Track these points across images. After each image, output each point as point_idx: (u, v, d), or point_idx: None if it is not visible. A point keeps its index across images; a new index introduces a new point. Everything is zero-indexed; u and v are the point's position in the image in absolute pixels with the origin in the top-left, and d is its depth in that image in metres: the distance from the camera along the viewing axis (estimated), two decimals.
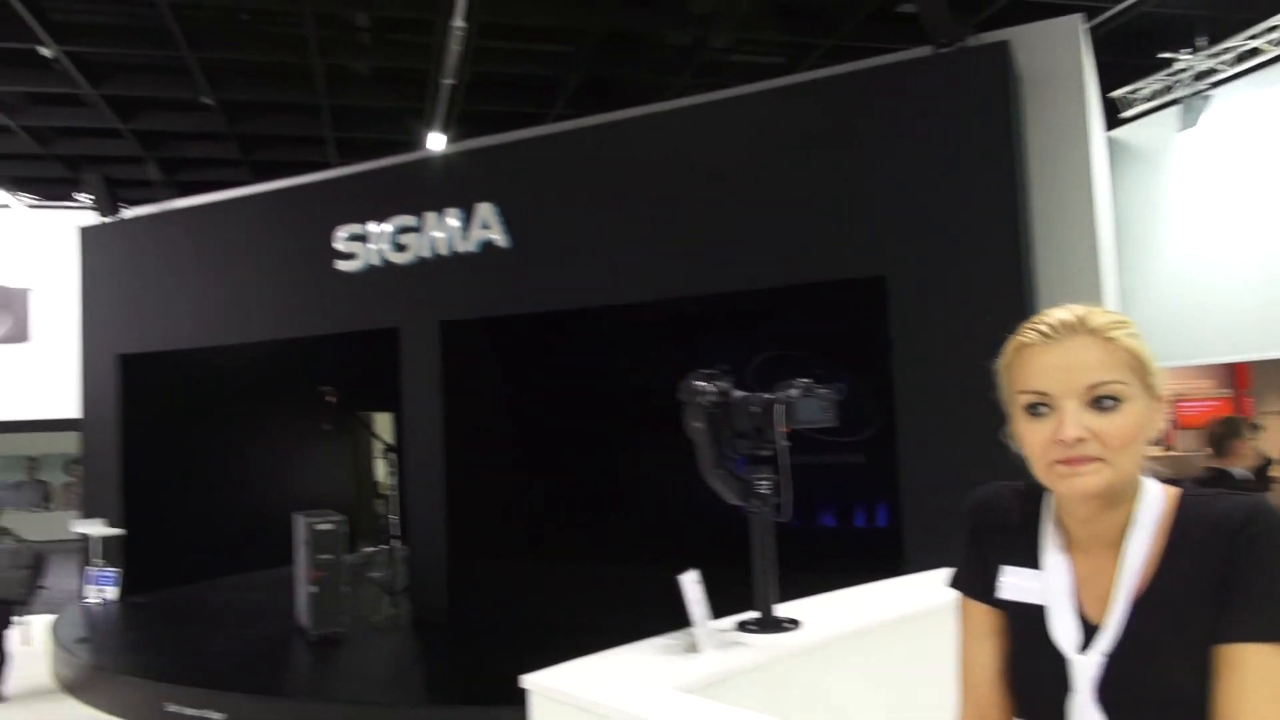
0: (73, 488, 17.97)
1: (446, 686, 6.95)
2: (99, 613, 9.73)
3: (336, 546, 8.06)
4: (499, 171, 8.36)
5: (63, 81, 9.82)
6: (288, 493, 10.93)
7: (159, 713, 6.80)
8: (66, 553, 11.58)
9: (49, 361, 11.46)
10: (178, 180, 13.02)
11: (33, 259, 11.68)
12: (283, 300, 9.49)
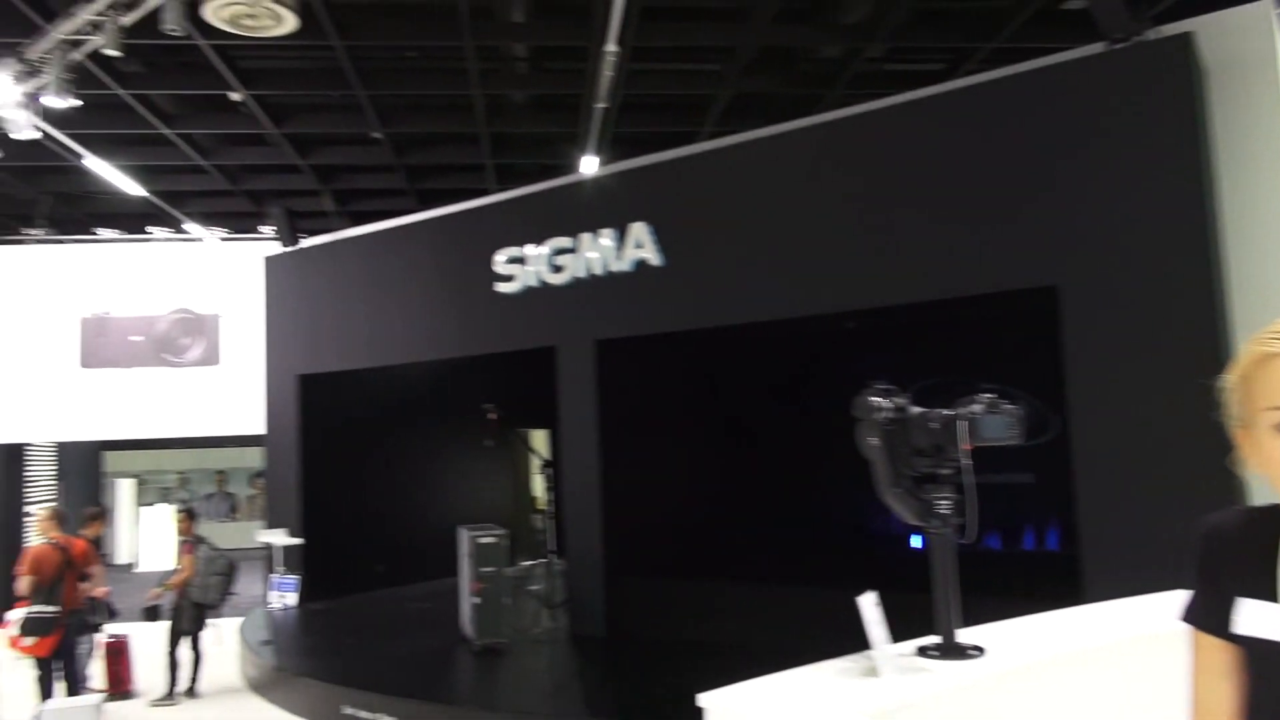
0: (256, 499, 19.27)
1: (606, 701, 7.02)
2: (281, 617, 10.36)
3: (498, 560, 8.29)
4: (652, 191, 8.46)
5: (249, 123, 10.58)
6: (451, 506, 11.35)
7: (336, 714, 7.16)
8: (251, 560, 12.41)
9: (237, 382, 12.37)
10: (350, 210, 13.80)
11: (223, 287, 12.67)
12: (447, 321, 9.89)
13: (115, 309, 12.61)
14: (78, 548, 7.42)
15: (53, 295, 12.56)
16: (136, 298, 12.65)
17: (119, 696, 8.10)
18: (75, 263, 12.77)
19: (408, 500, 11.77)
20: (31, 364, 12.46)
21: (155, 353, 12.61)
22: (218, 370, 12.64)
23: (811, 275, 7.42)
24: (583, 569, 8.60)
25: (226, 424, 12.63)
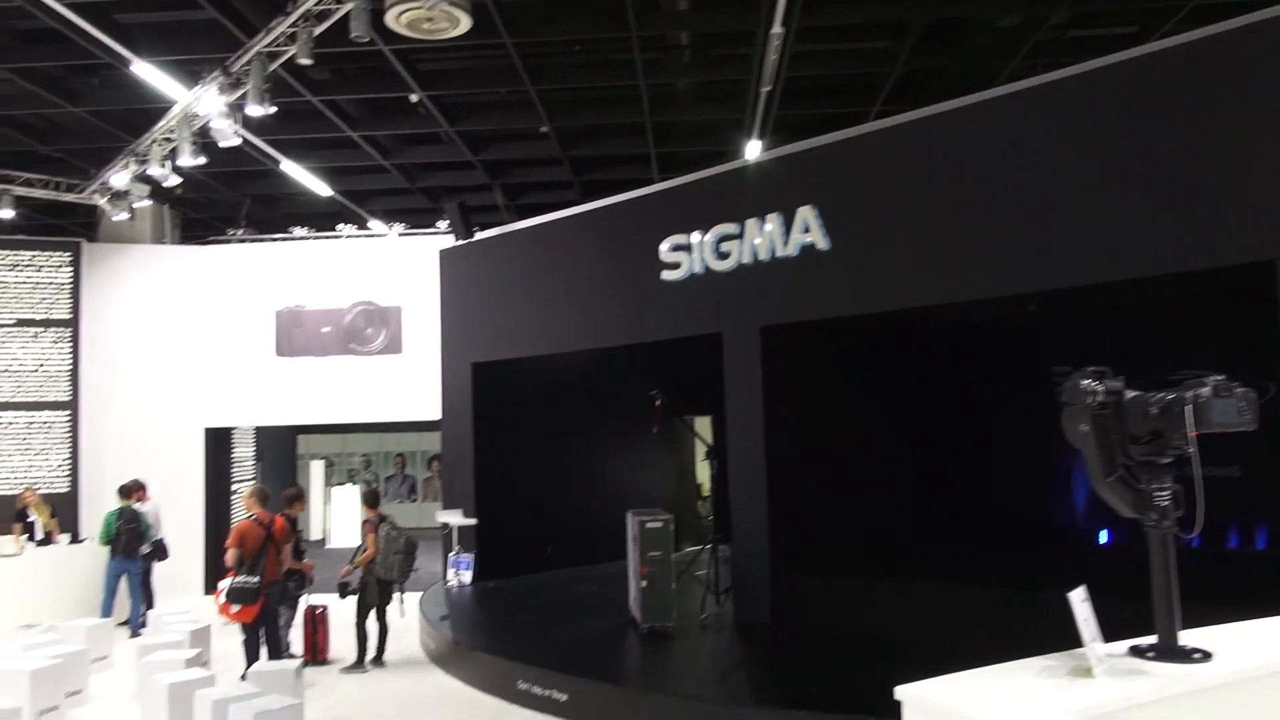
0: (433, 481, 20.23)
1: (774, 689, 6.96)
2: (457, 594, 10.83)
3: (664, 544, 8.37)
4: (818, 174, 8.29)
5: (426, 123, 11.08)
6: (617, 491, 11.55)
7: (512, 689, 7.43)
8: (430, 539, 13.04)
9: (418, 370, 13.00)
10: (519, 204, 14.24)
11: (403, 280, 13.34)
12: (613, 310, 10.04)
13: (307, 302, 13.49)
14: (278, 524, 7.99)
15: (252, 290, 13.55)
16: (326, 291, 13.50)
17: (317, 663, 8.67)
18: (272, 260, 13.73)
19: (576, 484, 12.04)
20: (234, 354, 13.50)
21: (343, 343, 13.42)
22: (400, 359, 13.31)
23: (989, 256, 7.08)
24: (748, 556, 8.56)
25: (407, 410, 13.29)
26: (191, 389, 13.42)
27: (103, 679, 8.41)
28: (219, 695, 6.17)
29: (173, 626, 8.79)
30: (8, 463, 12.73)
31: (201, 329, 13.52)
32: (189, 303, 13.55)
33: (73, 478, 12.94)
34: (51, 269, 13.13)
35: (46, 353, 13.03)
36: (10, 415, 12.82)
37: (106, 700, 7.86)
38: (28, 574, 10.58)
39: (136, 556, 10.45)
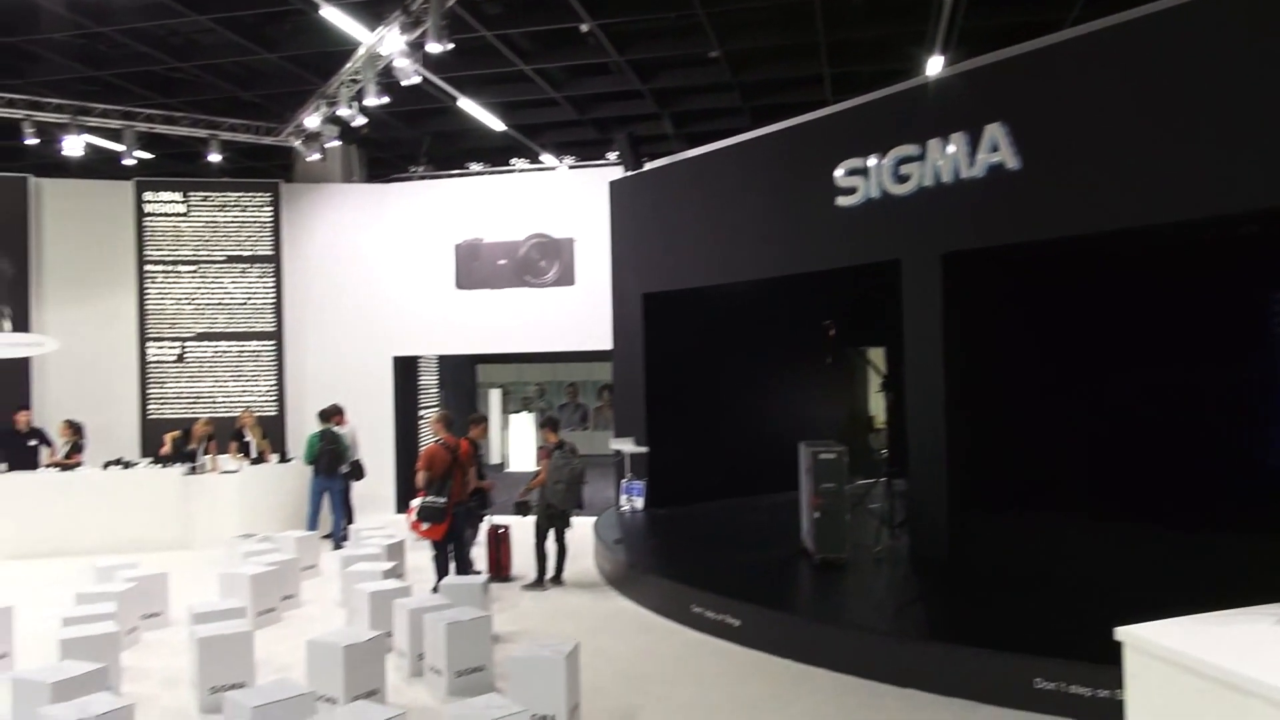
0: (603, 410, 20.73)
1: (951, 625, 6.80)
2: (630, 520, 11.13)
3: (838, 476, 8.27)
4: (1008, 89, 7.75)
5: (596, 53, 11.07)
6: (788, 422, 11.46)
7: (686, 612, 7.60)
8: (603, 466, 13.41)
9: (590, 301, 13.26)
10: (688, 132, 14.11)
11: (575, 212, 13.54)
12: (785, 237, 9.85)
13: (485, 235, 13.94)
14: (464, 447, 8.40)
15: (433, 225, 14.11)
16: (502, 225, 13.89)
17: (500, 579, 9.15)
18: (450, 195, 14.22)
19: (746, 414, 12.04)
20: (418, 287, 14.16)
21: (518, 275, 13.82)
22: (572, 290, 13.59)
23: (1201, 172, 6.45)
24: (925, 490, 8.34)
25: (579, 340, 13.60)
26: (380, 320, 14.21)
27: (311, 585, 9.18)
28: (415, 605, 6.61)
29: (370, 541, 9.47)
30: (225, 388, 13.95)
31: (388, 263, 14.23)
32: (376, 238, 14.26)
33: (279, 402, 14.05)
34: (255, 208, 14.10)
35: (253, 287, 14.08)
36: (225, 345, 14.00)
37: (315, 605, 8.58)
38: (244, 489, 11.63)
39: (337, 476, 11.27)
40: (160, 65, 11.38)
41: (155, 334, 13.88)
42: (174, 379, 13.91)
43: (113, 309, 13.88)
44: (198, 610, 6.72)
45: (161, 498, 11.23)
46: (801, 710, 5.70)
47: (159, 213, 13.91)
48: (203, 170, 14.17)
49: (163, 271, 13.91)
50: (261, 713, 4.55)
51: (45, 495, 11.10)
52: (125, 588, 7.41)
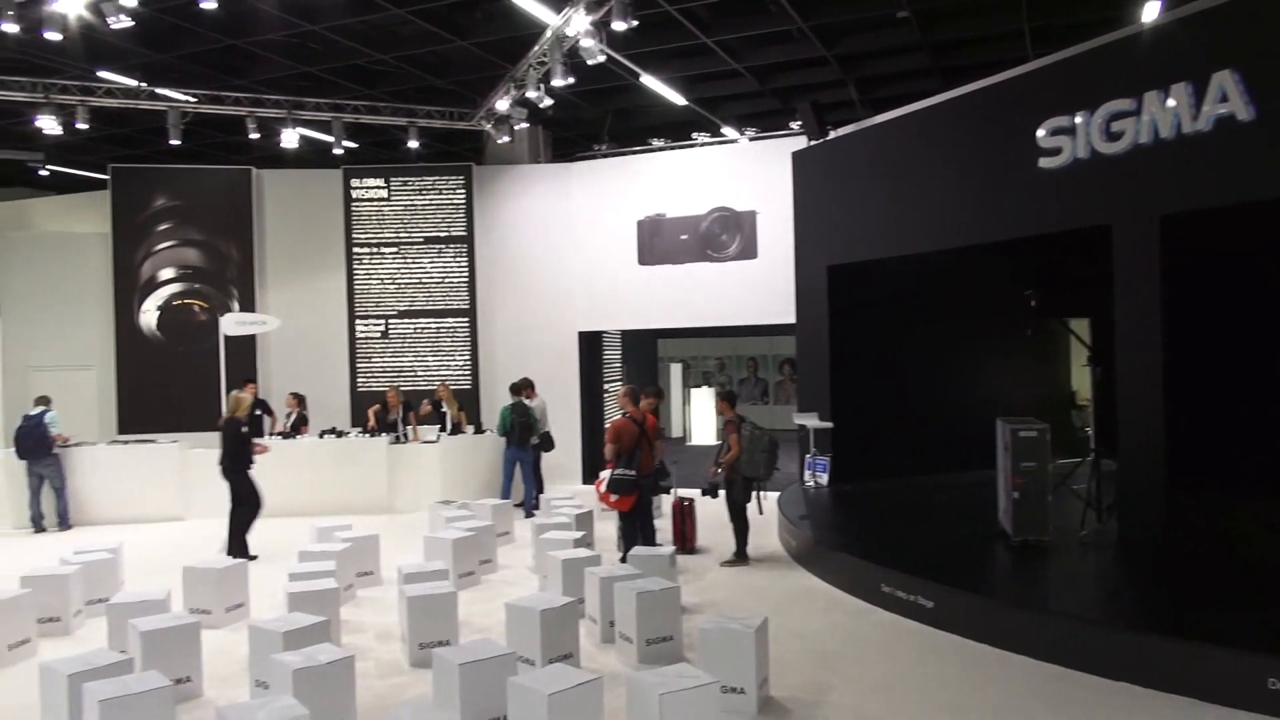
0: (784, 385, 20.53)
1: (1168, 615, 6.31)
2: (814, 495, 10.98)
3: (1040, 454, 7.84)
4: (1239, 32, 7.03)
5: (777, 20, 10.85)
6: (980, 397, 10.97)
7: (875, 591, 7.43)
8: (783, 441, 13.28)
9: (771, 274, 13.11)
10: (873, 98, 13.64)
11: (757, 185, 13.40)
12: (980, 204, 9.37)
13: (667, 210, 14.03)
14: (650, 421, 8.51)
15: (616, 202, 14.34)
16: (683, 200, 13.93)
17: (685, 551, 9.25)
18: (632, 172, 14.40)
19: (935, 389, 11.61)
20: (601, 263, 14.45)
21: (700, 249, 13.84)
22: (754, 264, 13.48)
23: None
24: (1138, 470, 7.75)
25: (760, 314, 13.49)
26: (565, 296, 14.60)
27: (506, 551, 9.59)
28: (605, 573, 6.78)
29: (560, 510, 9.79)
30: (424, 363, 14.76)
31: (572, 240, 14.58)
32: (561, 216, 14.64)
33: (473, 376, 14.73)
34: (449, 191, 14.78)
35: (448, 266, 14.79)
36: (423, 322, 14.79)
37: (510, 570, 8.97)
38: (443, 458, 12.28)
39: (528, 447, 11.71)
40: (363, 59, 12.08)
41: (362, 312, 14.85)
42: (379, 354, 14.85)
43: (325, 289, 14.94)
44: (406, 571, 7.17)
45: (370, 465, 12.04)
46: (1000, 696, 5.46)
47: (364, 198, 14.82)
48: (402, 156, 14.97)
49: (368, 253, 14.84)
50: (468, 670, 4.80)
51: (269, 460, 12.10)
52: (342, 548, 8.00)
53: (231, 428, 9.50)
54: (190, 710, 5.30)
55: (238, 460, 9.44)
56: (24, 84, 12.02)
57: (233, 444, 9.44)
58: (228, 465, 9.42)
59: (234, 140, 14.58)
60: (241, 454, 9.47)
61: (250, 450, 9.61)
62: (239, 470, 9.44)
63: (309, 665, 4.82)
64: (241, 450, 9.49)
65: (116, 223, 14.80)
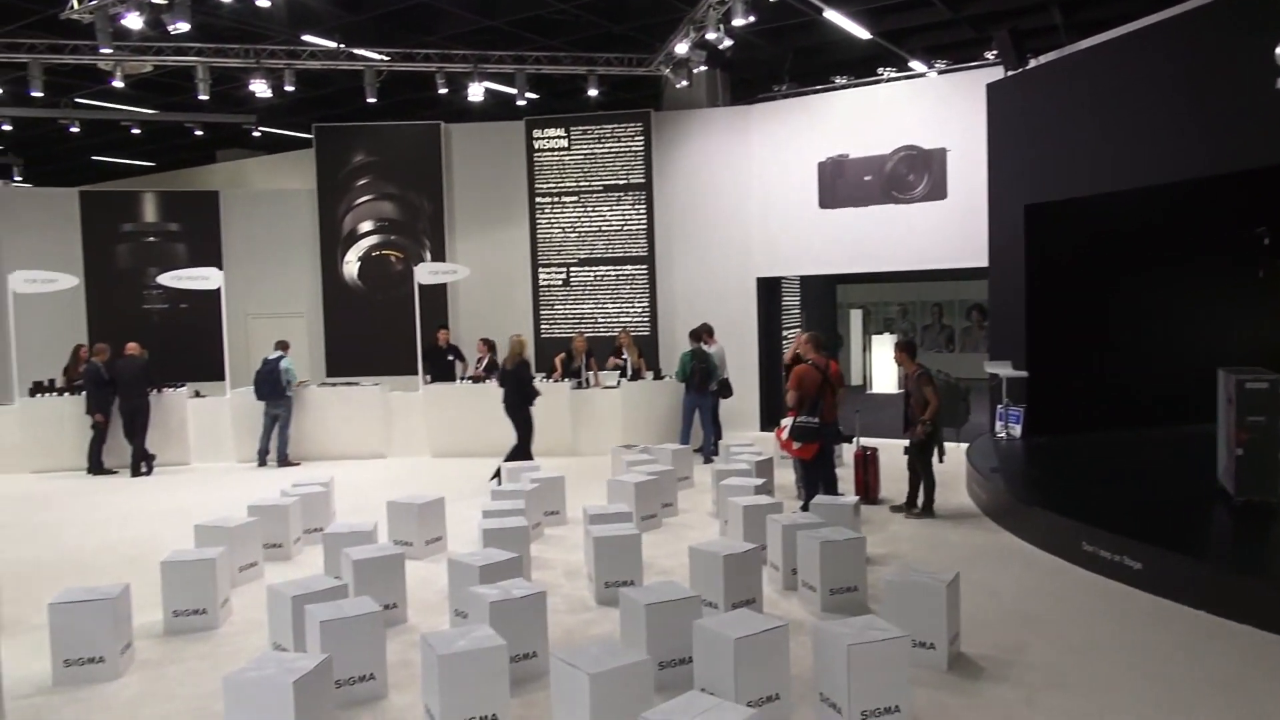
0: (972, 332, 19.63)
1: None
2: (1006, 447, 10.47)
3: (1271, 408, 7.14)
4: None
5: None
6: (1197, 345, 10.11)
7: (1076, 550, 7.02)
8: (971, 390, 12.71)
9: (961, 215, 12.46)
10: (1079, 21, 12.58)
11: (947, 121, 12.70)
12: (1204, 133, 8.51)
13: (850, 151, 13.55)
14: (833, 368, 8.33)
15: (796, 144, 13.96)
16: (867, 139, 13.40)
17: (868, 502, 9.05)
18: (813, 112, 13.95)
19: (1146, 336, 10.77)
20: (780, 207, 14.16)
21: (884, 190, 13.30)
22: (943, 205, 12.85)
23: None
24: None
25: (948, 257, 12.88)
26: (744, 242, 14.44)
27: (685, 495, 9.70)
28: (788, 521, 6.73)
29: (739, 457, 9.78)
30: (604, 310, 15.02)
31: (751, 184, 14.36)
32: (740, 160, 14.43)
33: (652, 322, 14.87)
34: (628, 138, 14.84)
35: (627, 214, 14.91)
36: (603, 269, 15.02)
37: (691, 514, 9.07)
38: (624, 403, 12.51)
39: (707, 393, 11.74)
40: (544, 9, 12.21)
41: (545, 260, 15.24)
42: (561, 301, 15.22)
43: (510, 238, 15.41)
44: (591, 512, 7.37)
45: (554, 409, 12.42)
46: (1219, 665, 5.06)
47: (545, 148, 15.12)
48: (581, 106, 15.12)
49: (550, 202, 15.17)
50: (654, 610, 4.89)
51: (461, 404, 12.73)
52: (530, 488, 8.31)
53: (523, 369, 10.44)
54: (397, 634, 5.67)
55: (529, 397, 10.42)
56: (238, 50, 12.89)
57: (523, 383, 10.42)
58: (516, 402, 10.33)
59: (424, 96, 15.13)
60: (530, 392, 10.45)
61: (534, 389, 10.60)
62: (528, 405, 10.39)
63: (505, 598, 5.04)
64: (530, 389, 10.48)
65: (321, 179, 15.78)
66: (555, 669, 4.20)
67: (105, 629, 5.18)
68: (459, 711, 4.20)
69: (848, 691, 4.22)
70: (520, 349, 10.54)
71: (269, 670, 4.05)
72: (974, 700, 4.71)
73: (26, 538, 8.40)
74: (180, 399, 12.64)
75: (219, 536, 6.87)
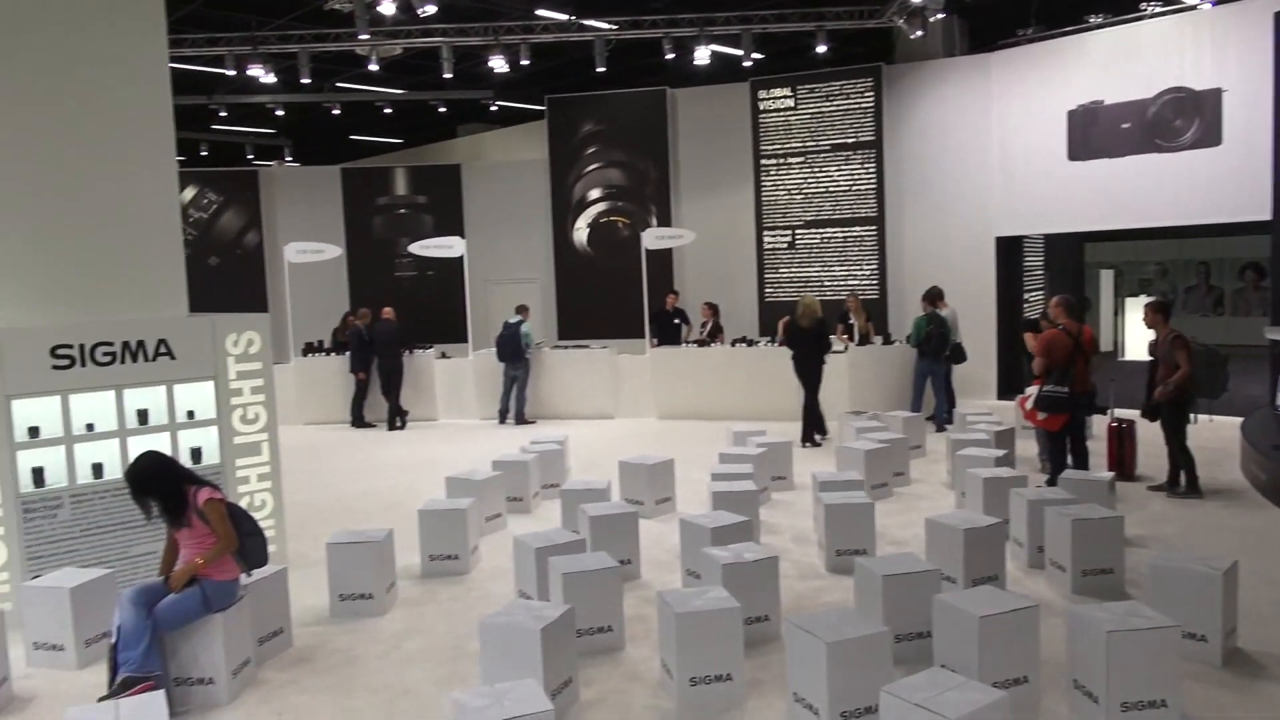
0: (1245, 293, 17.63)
1: None
2: None
3: None
4: None
5: None
6: None
7: None
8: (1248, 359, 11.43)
9: (1237, 164, 11.11)
10: None
11: (1223, 58, 11.31)
12: None
13: (1105, 97, 12.41)
14: (1086, 334, 7.72)
15: (1042, 92, 12.94)
16: (1126, 83, 12.20)
17: (1123, 478, 8.34)
18: (1064, 56, 12.86)
19: None
20: (1023, 161, 13.21)
21: (1145, 138, 12.08)
22: (1216, 152, 11.51)
23: None
24: None
25: (1220, 210, 11.56)
26: (981, 199, 13.63)
27: (918, 465, 9.36)
28: (1033, 495, 6.34)
29: (977, 426, 9.31)
30: (831, 273, 14.70)
31: (991, 138, 13.49)
32: (978, 112, 13.58)
33: (880, 285, 14.39)
34: (857, 95, 14.35)
35: (855, 173, 14.45)
36: (830, 231, 14.68)
37: (923, 484, 8.74)
38: (851, 368, 12.20)
39: (941, 359, 11.24)
40: None
41: (770, 223, 15.08)
42: (785, 265, 15.03)
43: (733, 201, 15.37)
44: (821, 479, 7.26)
45: (779, 374, 12.31)
46: None
47: (771, 109, 14.89)
48: (808, 64, 14.75)
49: (774, 164, 14.96)
50: (892, 582, 4.76)
51: (686, 367, 12.90)
52: (758, 452, 8.30)
53: (820, 327, 10.69)
54: (631, 589, 5.85)
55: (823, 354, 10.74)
56: (478, 29, 13.53)
57: (820, 341, 10.69)
58: (813, 360, 10.62)
59: (650, 63, 15.29)
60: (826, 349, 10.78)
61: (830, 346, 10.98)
62: (822, 363, 10.71)
63: (737, 561, 5.07)
64: (827, 346, 10.80)
65: (552, 149, 16.37)
66: (790, 635, 4.18)
67: (373, 568, 5.68)
68: (695, 669, 4.28)
69: (1106, 681, 3.93)
70: (816, 308, 10.70)
71: (518, 616, 4.29)
72: (1252, 698, 4.27)
73: (303, 483, 9.35)
74: (428, 360, 13.59)
75: (468, 488, 7.35)
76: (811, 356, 10.62)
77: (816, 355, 10.63)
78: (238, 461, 6.38)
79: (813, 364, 10.62)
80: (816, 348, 10.63)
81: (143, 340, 5.97)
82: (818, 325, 10.61)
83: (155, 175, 6.42)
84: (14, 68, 5.88)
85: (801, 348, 10.65)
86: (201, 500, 4.55)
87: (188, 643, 4.47)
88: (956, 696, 3.42)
